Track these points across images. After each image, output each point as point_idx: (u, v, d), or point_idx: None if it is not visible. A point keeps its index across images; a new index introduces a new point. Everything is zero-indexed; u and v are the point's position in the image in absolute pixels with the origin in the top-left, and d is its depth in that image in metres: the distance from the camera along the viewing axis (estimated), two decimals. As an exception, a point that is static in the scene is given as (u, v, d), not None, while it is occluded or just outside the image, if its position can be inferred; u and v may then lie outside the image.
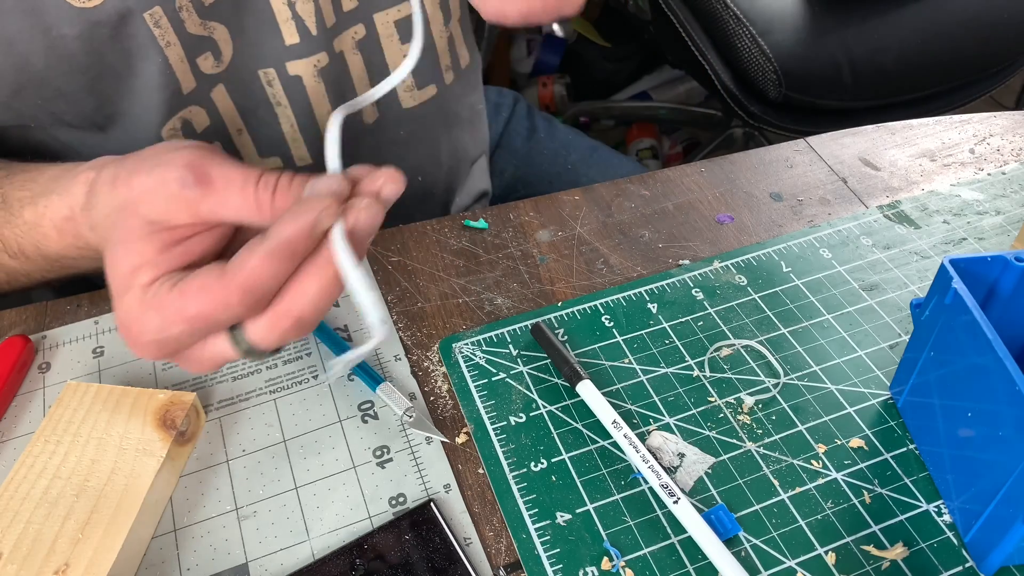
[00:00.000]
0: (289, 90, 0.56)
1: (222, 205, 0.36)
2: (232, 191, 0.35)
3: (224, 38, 0.52)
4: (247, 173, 0.36)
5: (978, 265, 0.41)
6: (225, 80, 0.53)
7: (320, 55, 0.55)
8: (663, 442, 0.45)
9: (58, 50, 0.47)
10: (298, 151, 0.59)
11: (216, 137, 0.56)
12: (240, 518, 0.43)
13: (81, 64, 0.48)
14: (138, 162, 0.38)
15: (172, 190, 0.35)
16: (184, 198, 0.35)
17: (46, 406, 0.48)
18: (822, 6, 1.16)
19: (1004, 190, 0.60)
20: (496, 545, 0.42)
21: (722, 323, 0.51)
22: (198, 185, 0.35)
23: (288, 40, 0.54)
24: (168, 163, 0.36)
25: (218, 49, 0.52)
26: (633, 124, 1.75)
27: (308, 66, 0.55)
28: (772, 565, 0.40)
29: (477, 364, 0.49)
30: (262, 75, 0.54)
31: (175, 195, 0.35)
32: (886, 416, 0.46)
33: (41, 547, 0.39)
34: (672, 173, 0.63)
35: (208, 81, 0.53)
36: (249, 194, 0.35)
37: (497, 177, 0.82)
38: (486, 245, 0.57)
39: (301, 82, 0.56)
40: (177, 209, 0.36)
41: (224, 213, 0.36)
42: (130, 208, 0.36)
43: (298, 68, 0.55)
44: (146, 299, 0.36)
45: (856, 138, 0.66)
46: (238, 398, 0.48)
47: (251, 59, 0.54)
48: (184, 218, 0.36)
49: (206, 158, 0.36)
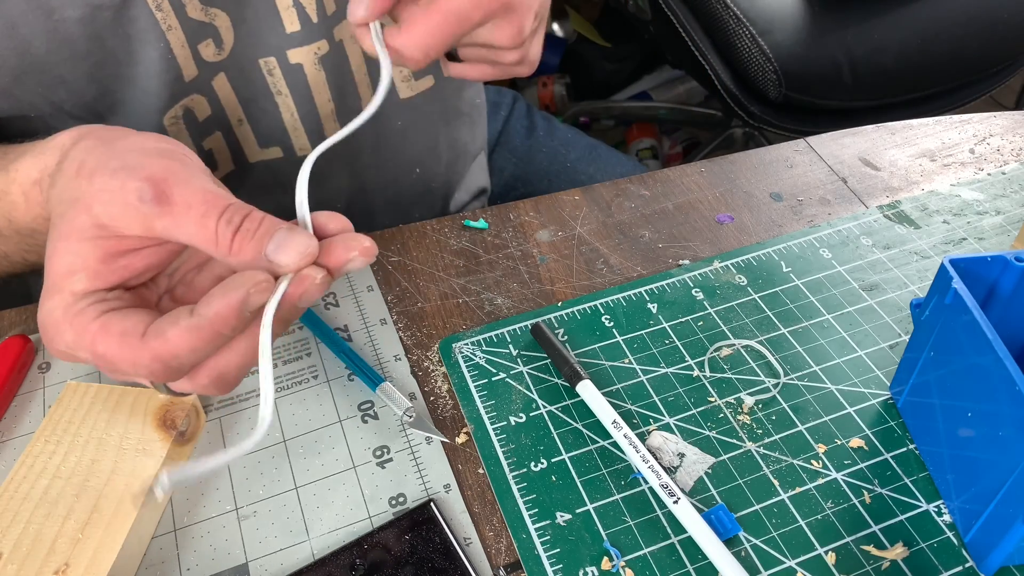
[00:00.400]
0: (290, 79, 0.56)
1: (177, 228, 0.34)
2: (190, 217, 0.34)
3: (225, 25, 0.51)
4: (211, 201, 0.34)
5: (978, 265, 0.41)
6: (226, 68, 0.53)
7: (320, 43, 0.55)
8: (663, 442, 0.45)
9: (60, 34, 0.46)
10: (298, 140, 0.59)
11: (217, 127, 0.56)
12: (240, 518, 0.43)
13: (82, 49, 0.48)
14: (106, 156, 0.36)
15: (129, 200, 0.34)
16: (139, 211, 0.34)
17: (46, 406, 0.48)
18: (822, 6, 1.16)
19: (1004, 190, 0.60)
20: (496, 545, 0.42)
21: (722, 323, 0.51)
22: (156, 203, 0.33)
23: (289, 28, 0.54)
24: (132, 170, 0.34)
25: (219, 36, 0.52)
26: (633, 124, 1.75)
27: (309, 54, 0.55)
28: (772, 565, 0.40)
29: (477, 364, 0.49)
30: (263, 64, 0.54)
31: (132, 207, 0.34)
32: (886, 416, 0.46)
33: (41, 547, 0.39)
34: (672, 173, 0.63)
35: (209, 69, 0.53)
36: (209, 225, 0.34)
37: (496, 175, 0.82)
38: (486, 245, 0.57)
39: (302, 70, 0.56)
40: (130, 220, 0.34)
41: (178, 236, 0.34)
42: (82, 204, 0.35)
43: (299, 56, 0.55)
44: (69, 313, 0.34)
45: (856, 138, 0.66)
46: (238, 398, 0.48)
47: (252, 47, 0.53)
48: (136, 230, 0.34)
49: (173, 174, 0.34)
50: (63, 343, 0.34)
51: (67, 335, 0.34)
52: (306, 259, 0.34)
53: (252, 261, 0.34)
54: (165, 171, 0.34)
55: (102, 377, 0.49)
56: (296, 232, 0.35)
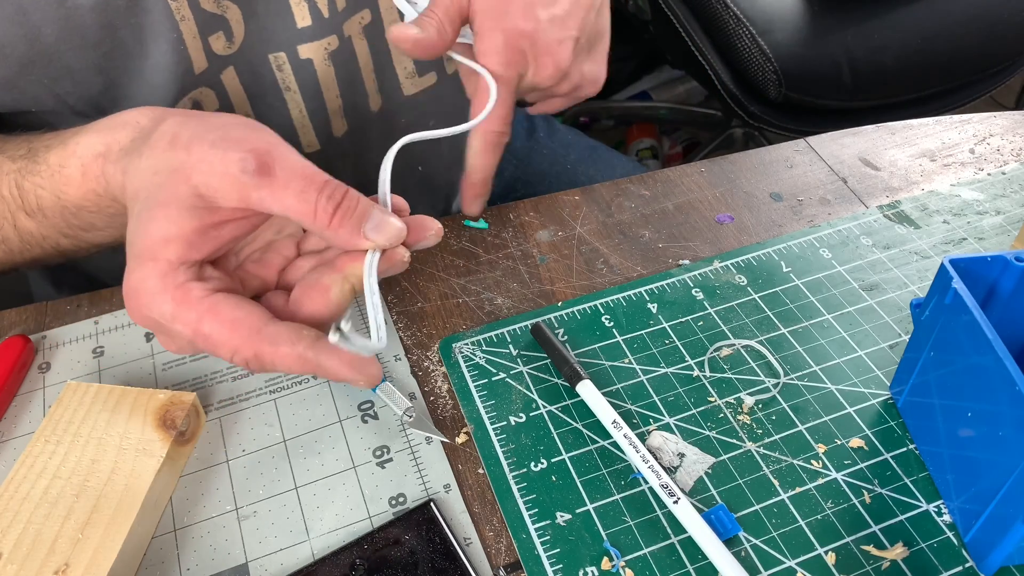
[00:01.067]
0: (299, 74, 0.55)
1: (276, 200, 0.36)
2: (290, 190, 0.35)
3: (237, 18, 0.51)
4: (311, 177, 0.36)
5: (978, 265, 0.41)
6: (236, 62, 0.53)
7: (331, 38, 0.55)
8: (663, 442, 0.45)
9: (72, 21, 0.46)
10: (306, 137, 0.59)
11: None
12: (240, 518, 0.43)
13: (93, 38, 0.47)
14: (202, 128, 0.37)
15: (231, 171, 0.35)
16: (240, 182, 0.35)
17: (46, 406, 0.48)
18: (822, 6, 1.16)
19: (1004, 190, 0.60)
20: (496, 545, 0.42)
21: (722, 323, 0.51)
22: (258, 174, 0.35)
23: (300, 23, 0.53)
24: (234, 141, 0.36)
25: (230, 29, 0.52)
26: (633, 124, 1.75)
27: (319, 49, 0.55)
28: (772, 565, 0.40)
29: (477, 364, 0.49)
30: (272, 59, 0.54)
31: (232, 177, 0.35)
32: (886, 416, 0.46)
33: (41, 547, 0.39)
34: (672, 173, 0.63)
35: (219, 62, 0.52)
36: (309, 199, 0.35)
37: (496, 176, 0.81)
38: (486, 245, 0.57)
39: (312, 66, 0.55)
40: (229, 191, 0.35)
41: (274, 207, 0.36)
42: (182, 173, 0.36)
43: (309, 51, 0.55)
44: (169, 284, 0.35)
45: (856, 138, 0.66)
46: (238, 398, 0.48)
47: (262, 42, 0.53)
48: (233, 201, 0.36)
49: (274, 147, 0.36)
50: (158, 312, 0.36)
51: (166, 306, 0.35)
52: (398, 240, 0.39)
53: (348, 237, 0.37)
54: (267, 144, 0.36)
55: (102, 377, 0.49)
56: (389, 215, 0.38)
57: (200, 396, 0.47)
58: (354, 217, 0.37)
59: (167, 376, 0.49)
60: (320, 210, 0.36)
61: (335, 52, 0.56)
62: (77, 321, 0.53)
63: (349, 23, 0.56)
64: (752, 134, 1.47)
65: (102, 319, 0.53)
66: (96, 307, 0.54)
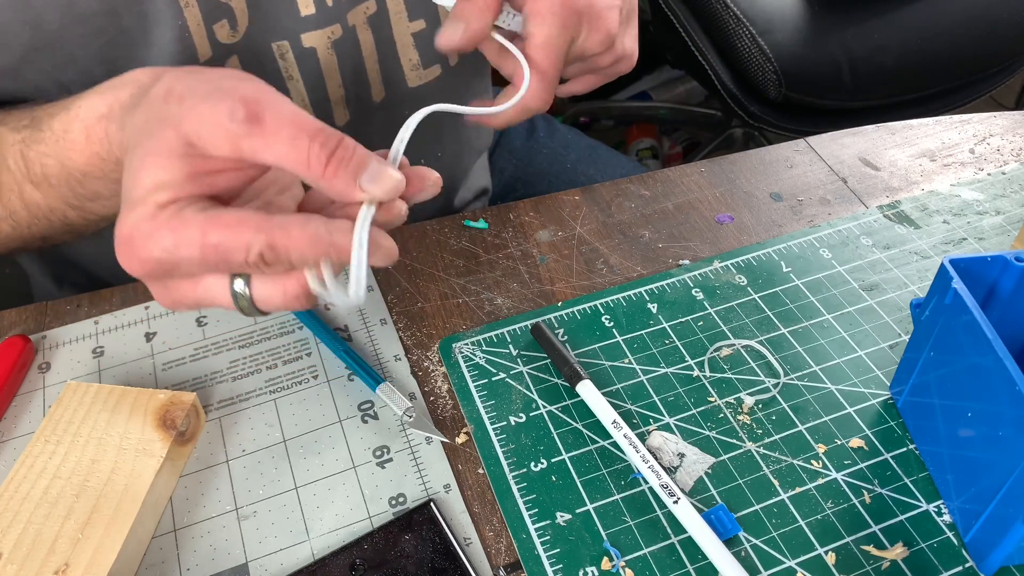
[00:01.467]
0: (302, 64, 0.55)
1: (266, 148, 0.34)
2: (281, 138, 0.34)
3: (241, 7, 0.51)
4: (302, 123, 0.35)
5: (978, 265, 0.41)
6: (239, 51, 0.53)
7: (334, 26, 0.55)
8: (663, 442, 0.45)
9: (75, 8, 0.46)
10: None
11: None
12: (240, 518, 0.43)
13: (97, 26, 0.47)
14: (196, 82, 0.36)
15: (220, 119, 0.34)
16: (230, 131, 0.34)
17: (46, 406, 0.48)
18: (822, 6, 1.16)
19: (1004, 190, 0.60)
20: (496, 545, 0.42)
21: (722, 323, 0.51)
22: (247, 122, 0.34)
23: (304, 11, 0.53)
24: (225, 92, 0.35)
25: (234, 18, 0.51)
26: (633, 124, 1.75)
27: (323, 38, 0.55)
28: (772, 565, 0.40)
29: (477, 364, 0.49)
30: (275, 48, 0.54)
31: (221, 125, 0.34)
32: (886, 416, 0.46)
33: (41, 547, 0.39)
34: (672, 173, 0.63)
35: (223, 50, 0.52)
36: (301, 146, 0.34)
37: (496, 176, 0.82)
38: (486, 245, 0.57)
39: (315, 55, 0.55)
40: (219, 139, 0.34)
41: (266, 157, 0.35)
42: (171, 122, 0.35)
43: (312, 40, 0.55)
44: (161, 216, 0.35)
45: (856, 138, 0.66)
46: (238, 398, 0.48)
47: (266, 30, 0.53)
48: (224, 151, 0.35)
49: (264, 95, 0.35)
50: (160, 249, 0.34)
51: (165, 238, 0.34)
52: (396, 192, 0.37)
53: (344, 188, 0.35)
54: (257, 92, 0.35)
55: (102, 377, 0.49)
56: (387, 165, 0.37)
57: (200, 396, 0.47)
58: (350, 166, 0.35)
59: (167, 376, 0.49)
60: (313, 158, 0.34)
61: (338, 41, 0.56)
62: (77, 321, 0.53)
63: (354, 12, 0.56)
64: (752, 134, 1.47)
65: (102, 319, 0.53)
66: (96, 307, 0.54)
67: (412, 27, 0.59)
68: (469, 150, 0.71)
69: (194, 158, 0.35)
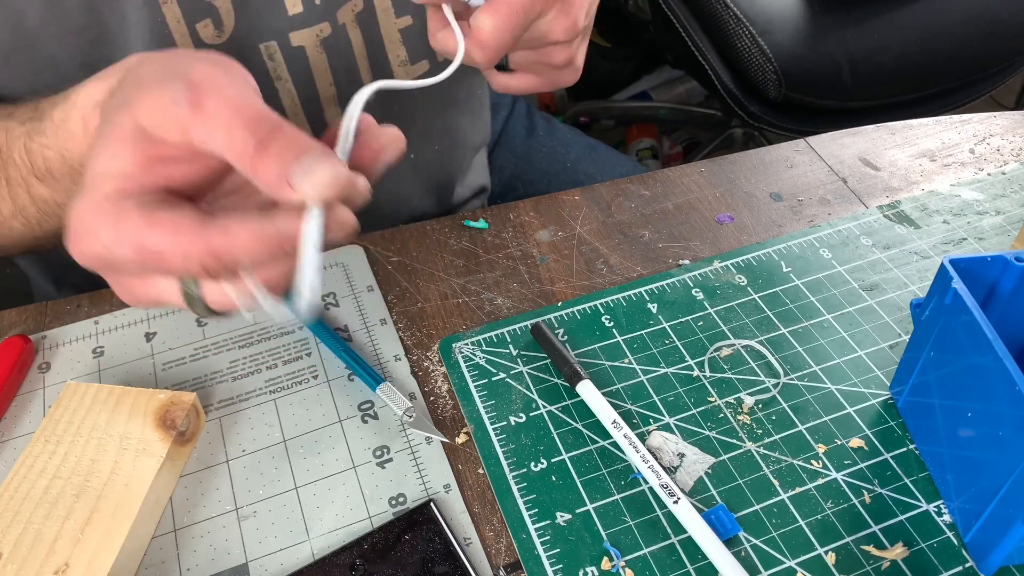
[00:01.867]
0: (291, 63, 0.55)
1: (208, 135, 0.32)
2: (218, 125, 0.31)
3: (227, 7, 0.51)
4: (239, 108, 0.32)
5: (978, 265, 0.41)
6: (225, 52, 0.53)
7: (323, 24, 0.55)
8: (663, 442, 0.45)
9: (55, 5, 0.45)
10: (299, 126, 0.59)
11: None
12: (240, 518, 0.43)
13: (78, 23, 0.46)
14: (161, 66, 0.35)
15: (166, 103, 0.32)
16: (175, 116, 0.32)
17: (46, 406, 0.48)
18: (822, 6, 1.16)
19: (1004, 190, 0.60)
20: (496, 545, 0.42)
21: (722, 323, 0.51)
22: (189, 106, 0.31)
23: (291, 10, 0.53)
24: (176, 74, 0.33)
25: (219, 18, 0.51)
26: (633, 124, 1.75)
27: (311, 36, 0.55)
28: (772, 565, 0.40)
29: (477, 364, 0.49)
30: (263, 49, 0.54)
31: (168, 109, 0.32)
32: (886, 416, 0.46)
33: (41, 547, 0.39)
34: (672, 173, 0.63)
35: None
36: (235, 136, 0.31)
37: (496, 175, 0.82)
38: (486, 245, 0.57)
39: (304, 53, 0.55)
40: (168, 125, 0.32)
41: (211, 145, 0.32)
42: (127, 108, 0.33)
43: (301, 38, 0.54)
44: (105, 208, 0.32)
45: (856, 138, 0.66)
46: (238, 398, 0.48)
47: (253, 31, 0.53)
48: (174, 136, 0.32)
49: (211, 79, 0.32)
50: (98, 243, 0.32)
51: (103, 233, 0.32)
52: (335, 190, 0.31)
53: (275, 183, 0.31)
54: (204, 76, 0.32)
55: (102, 377, 0.49)
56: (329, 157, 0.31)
57: (200, 396, 0.47)
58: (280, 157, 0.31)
59: (167, 376, 0.49)
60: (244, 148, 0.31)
61: (327, 39, 0.55)
62: (77, 321, 0.53)
63: (342, 10, 0.56)
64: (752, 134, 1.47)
65: (102, 319, 0.53)
66: (96, 307, 0.54)
67: (399, 23, 0.59)
68: (463, 146, 0.71)
69: (145, 143, 0.33)
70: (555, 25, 0.46)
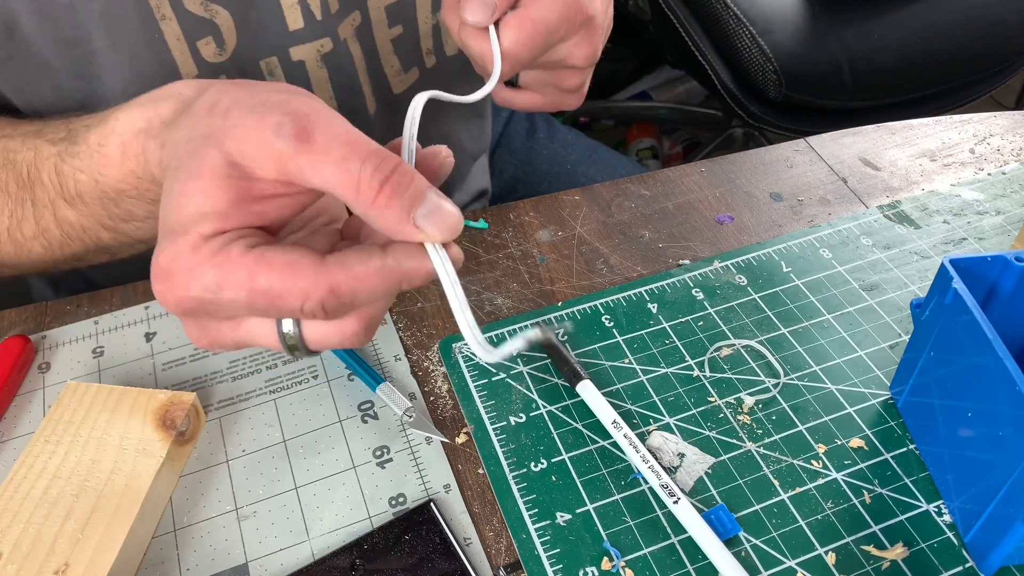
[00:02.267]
0: (291, 77, 0.55)
1: (314, 169, 0.31)
2: (330, 159, 0.31)
3: (228, 25, 0.51)
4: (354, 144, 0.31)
5: (978, 265, 0.41)
6: (227, 70, 0.53)
7: (324, 40, 0.55)
8: (663, 442, 0.45)
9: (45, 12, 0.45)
10: None
11: None
12: (240, 518, 0.43)
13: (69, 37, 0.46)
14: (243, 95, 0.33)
15: (265, 136, 0.31)
16: (275, 149, 0.31)
17: (46, 406, 0.48)
18: (822, 6, 1.17)
19: (1004, 190, 0.60)
20: (496, 545, 0.42)
21: (722, 323, 0.51)
22: (295, 139, 0.31)
23: (292, 26, 0.53)
24: (272, 106, 0.32)
25: (220, 36, 0.51)
26: (633, 124, 1.75)
27: (312, 51, 0.55)
28: (772, 565, 0.40)
29: (477, 364, 0.49)
30: (263, 65, 0.54)
31: (266, 142, 0.31)
32: (886, 416, 0.46)
33: (41, 547, 0.39)
34: (672, 173, 0.63)
35: (210, 70, 0.52)
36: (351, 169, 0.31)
37: (496, 177, 0.82)
38: (486, 245, 0.57)
39: (304, 68, 0.55)
40: (264, 159, 0.31)
41: (313, 179, 0.31)
42: (215, 140, 0.32)
43: (301, 53, 0.54)
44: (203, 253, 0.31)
45: (856, 138, 0.66)
46: (238, 398, 0.48)
47: (254, 49, 0.53)
48: (269, 172, 0.31)
49: (316, 111, 0.32)
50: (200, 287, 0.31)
51: (207, 276, 0.31)
52: (453, 233, 0.33)
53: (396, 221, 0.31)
54: (308, 108, 0.32)
55: (102, 377, 0.49)
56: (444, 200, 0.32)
57: (200, 396, 0.47)
58: (405, 197, 0.31)
59: (167, 376, 0.49)
60: (364, 183, 0.31)
61: (328, 55, 0.56)
62: (77, 321, 0.53)
63: (343, 25, 0.56)
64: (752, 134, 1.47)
65: (102, 319, 0.53)
66: (96, 307, 0.54)
67: (391, 33, 0.59)
68: (462, 153, 0.71)
69: (239, 180, 0.32)
70: (576, 50, 0.47)
